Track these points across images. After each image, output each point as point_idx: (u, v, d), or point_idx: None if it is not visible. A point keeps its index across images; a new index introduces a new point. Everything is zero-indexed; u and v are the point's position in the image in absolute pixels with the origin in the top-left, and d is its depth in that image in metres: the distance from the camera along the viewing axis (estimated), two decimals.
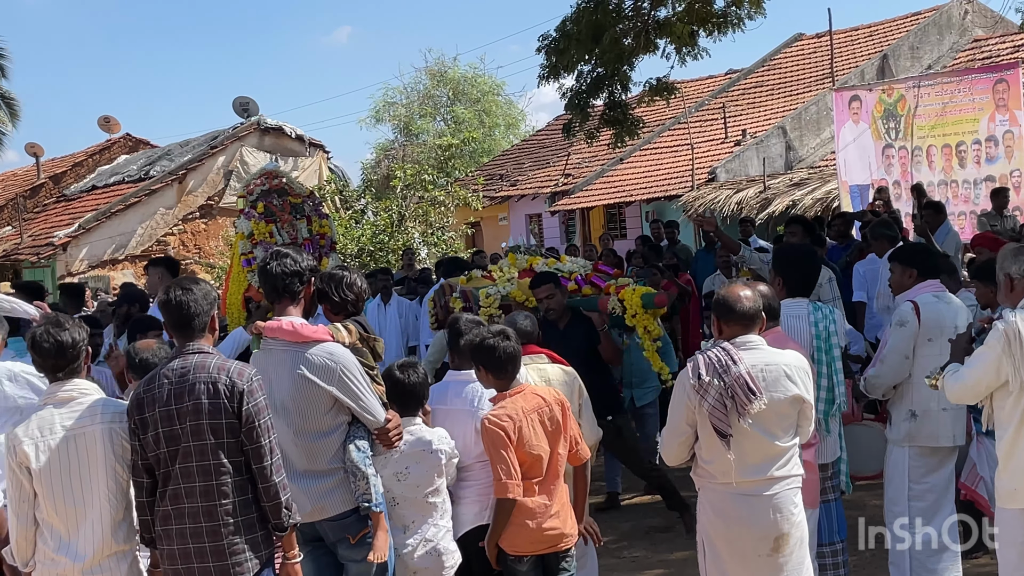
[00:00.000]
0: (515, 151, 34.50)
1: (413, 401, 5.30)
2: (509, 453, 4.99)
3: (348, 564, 4.99)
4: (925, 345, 6.02)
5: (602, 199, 25.49)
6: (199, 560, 4.31)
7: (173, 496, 4.33)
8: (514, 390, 5.19)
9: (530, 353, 6.08)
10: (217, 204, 27.03)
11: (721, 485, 4.83)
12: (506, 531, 5.11)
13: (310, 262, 5.02)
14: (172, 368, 4.38)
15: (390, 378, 5.28)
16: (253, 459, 4.34)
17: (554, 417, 5.17)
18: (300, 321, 4.89)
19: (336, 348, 4.88)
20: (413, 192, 23.78)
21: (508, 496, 5.00)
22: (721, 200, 20.49)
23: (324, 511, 4.86)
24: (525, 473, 5.07)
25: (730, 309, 4.86)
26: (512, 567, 5.17)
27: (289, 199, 11.42)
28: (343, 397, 4.82)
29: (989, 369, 4.78)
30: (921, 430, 6.08)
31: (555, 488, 5.18)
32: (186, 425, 4.29)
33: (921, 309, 6.05)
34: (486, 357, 5.19)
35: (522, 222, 29.07)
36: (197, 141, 28.80)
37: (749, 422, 4.69)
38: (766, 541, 4.79)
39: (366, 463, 4.85)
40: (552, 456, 5.15)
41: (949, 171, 15.24)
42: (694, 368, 4.79)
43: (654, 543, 8.12)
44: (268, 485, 4.34)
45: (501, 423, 5.01)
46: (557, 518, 5.15)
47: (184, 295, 4.41)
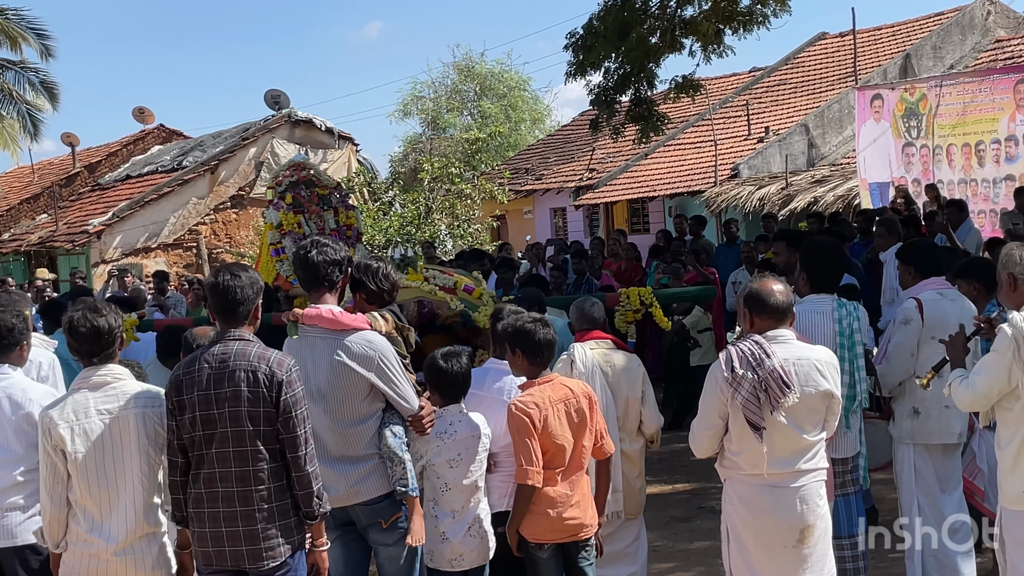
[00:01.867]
0: (540, 146, 34.45)
1: (455, 389, 5.30)
2: (533, 440, 5.00)
3: (378, 548, 5.01)
4: (928, 343, 5.97)
5: (626, 194, 25.44)
6: (231, 544, 4.32)
7: (208, 479, 4.34)
8: (544, 378, 5.21)
9: (595, 338, 6.09)
10: (248, 194, 27.11)
11: (750, 477, 4.81)
12: (528, 519, 5.12)
13: (346, 252, 5.02)
14: (213, 353, 4.38)
15: (433, 366, 5.28)
16: (288, 448, 4.34)
17: (580, 409, 5.17)
18: (339, 309, 4.89)
19: (374, 336, 4.89)
20: (440, 185, 23.78)
21: (528, 482, 5.02)
22: (743, 196, 20.43)
23: (358, 495, 4.87)
24: (548, 462, 5.08)
25: (763, 303, 4.82)
26: (533, 554, 5.18)
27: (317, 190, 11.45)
28: (380, 384, 4.83)
29: (1000, 376, 4.70)
30: (923, 427, 6.06)
31: (577, 479, 5.19)
32: (224, 411, 4.30)
33: (925, 307, 6.02)
34: (524, 341, 5.19)
35: (547, 216, 29.06)
36: (229, 133, 28.87)
37: (782, 415, 4.67)
38: (792, 532, 4.77)
39: (402, 448, 4.86)
40: (576, 447, 5.15)
41: (969, 170, 15.13)
42: (727, 361, 4.76)
43: (675, 532, 8.11)
44: (302, 474, 4.34)
45: (528, 410, 5.03)
46: (578, 508, 5.16)
47: (232, 281, 4.39)
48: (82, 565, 4.49)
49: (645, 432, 6.23)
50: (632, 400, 6.07)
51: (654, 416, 6.21)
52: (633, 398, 6.06)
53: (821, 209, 17.41)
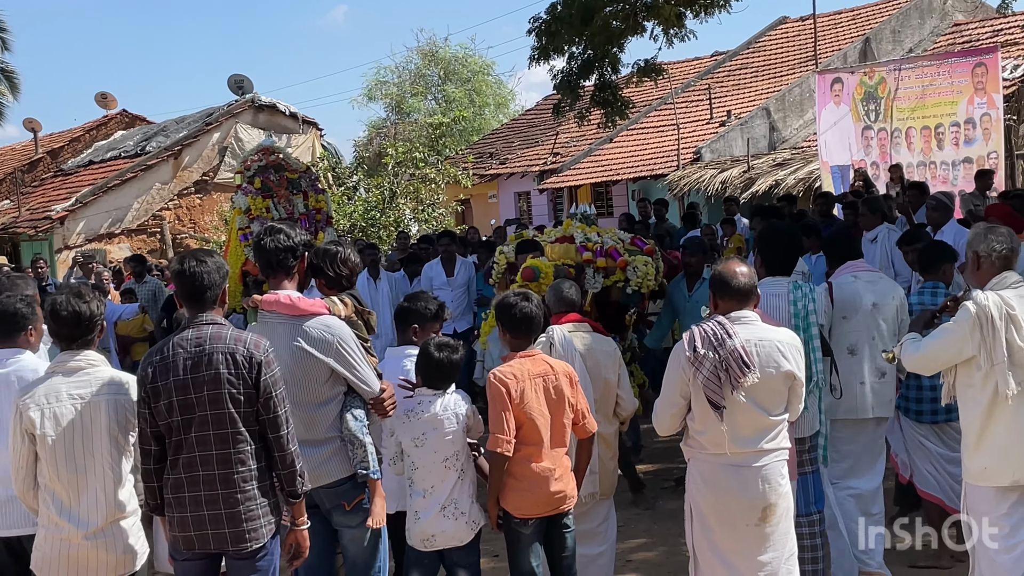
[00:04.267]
0: (504, 130, 34.39)
1: (439, 377, 5.28)
2: (507, 411, 5.06)
3: (342, 530, 5.02)
4: (840, 323, 6.20)
5: (590, 177, 25.45)
6: (214, 527, 4.33)
7: (187, 464, 4.34)
8: (526, 352, 5.27)
9: (573, 321, 6.11)
10: (212, 180, 26.90)
11: (712, 456, 4.84)
12: (513, 495, 5.18)
13: (303, 237, 5.00)
14: (186, 338, 4.37)
15: (423, 351, 5.31)
16: (270, 429, 4.37)
17: (559, 387, 5.22)
18: (297, 295, 4.89)
19: (333, 321, 4.89)
20: (404, 169, 23.70)
21: (498, 451, 5.07)
22: (706, 179, 20.48)
23: (321, 478, 4.87)
24: (525, 437, 5.13)
25: (726, 284, 4.86)
26: (516, 530, 5.24)
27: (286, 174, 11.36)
28: (340, 368, 4.83)
29: (951, 345, 4.84)
30: (840, 403, 6.17)
31: (558, 455, 5.25)
32: (203, 394, 4.30)
33: (834, 289, 6.23)
34: (504, 315, 5.33)
35: (511, 200, 29.02)
36: (192, 118, 28.60)
37: (742, 395, 4.70)
38: (754, 511, 4.80)
39: (363, 431, 4.86)
40: (555, 424, 5.21)
41: (928, 152, 15.24)
42: (690, 341, 4.80)
43: (638, 513, 8.13)
44: (284, 453, 4.38)
45: (505, 379, 5.12)
46: (561, 481, 5.24)
47: (199, 267, 4.40)
48: (53, 549, 4.50)
49: (620, 414, 6.25)
50: (609, 383, 6.08)
51: (630, 399, 6.24)
52: (610, 381, 6.08)
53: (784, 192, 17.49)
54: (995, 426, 4.82)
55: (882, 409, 6.29)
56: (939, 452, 6.43)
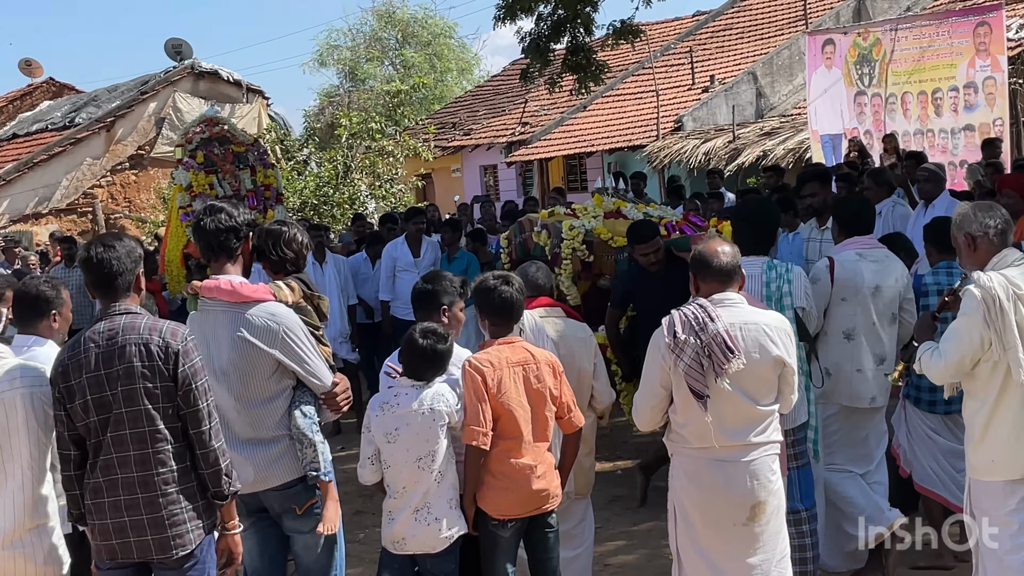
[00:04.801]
0: (469, 98, 34.30)
1: (422, 368, 5.16)
2: (483, 402, 5.03)
3: (294, 536, 4.99)
4: (838, 304, 6.18)
5: (562, 149, 25.43)
6: (136, 534, 4.28)
7: (105, 467, 4.28)
8: (505, 339, 5.24)
9: (543, 306, 6.10)
10: (148, 154, 26.65)
11: (696, 450, 4.84)
12: (491, 494, 5.13)
13: (247, 216, 4.95)
14: (98, 331, 4.31)
15: (407, 338, 5.19)
16: (191, 424, 4.30)
17: (540, 376, 5.18)
18: (239, 280, 4.84)
19: (278, 308, 4.83)
20: (359, 142, 23.60)
21: (473, 443, 5.03)
22: (688, 150, 20.51)
23: (269, 480, 4.84)
24: (504, 431, 5.10)
25: (707, 265, 4.86)
26: (494, 532, 5.17)
27: (232, 148, 11.29)
28: (286, 360, 4.79)
29: (971, 340, 4.74)
30: (835, 389, 6.22)
31: (540, 450, 5.21)
32: (117, 391, 4.24)
33: (836, 267, 6.20)
34: (484, 298, 5.29)
35: (476, 174, 28.96)
36: (126, 86, 28.35)
37: (727, 383, 4.70)
38: (742, 509, 4.81)
39: (313, 429, 4.82)
40: (536, 417, 5.18)
41: (925, 120, 15.29)
42: (669, 326, 4.78)
43: (617, 513, 8.15)
44: (207, 451, 4.32)
45: (481, 367, 5.07)
46: (544, 479, 5.19)
47: (106, 252, 4.35)
48: None
49: (596, 407, 6.24)
50: (584, 373, 6.06)
51: (606, 390, 6.22)
52: (585, 371, 6.06)
53: (771, 163, 17.52)
54: (1003, 416, 4.79)
55: (883, 397, 6.31)
56: (947, 446, 6.41)
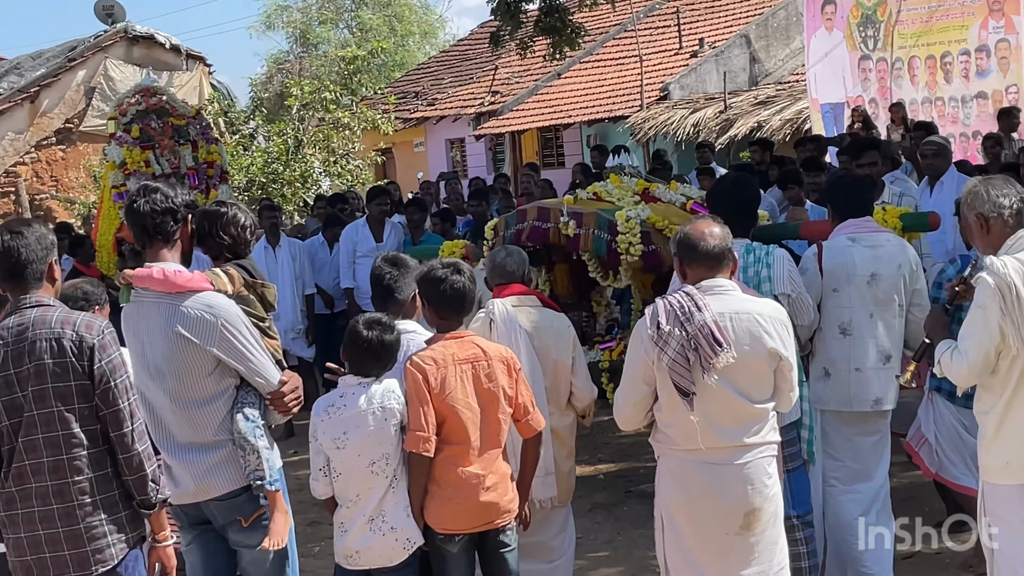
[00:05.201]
0: (433, 64, 34.24)
1: (368, 362, 5.18)
2: (425, 404, 5.01)
3: (241, 551, 4.97)
4: (830, 296, 6.15)
5: (536, 121, 25.42)
6: (52, 548, 4.27)
7: (18, 476, 4.27)
8: (453, 334, 5.21)
9: (516, 294, 6.08)
10: (77, 128, 26.46)
11: (684, 452, 4.84)
12: (433, 505, 5.12)
13: (185, 197, 4.92)
14: (6, 326, 4.30)
15: (350, 330, 5.19)
16: (111, 425, 4.29)
17: (492, 374, 5.15)
18: (174, 267, 4.79)
19: (216, 299, 4.79)
20: (312, 113, 23.50)
21: (415, 450, 5.02)
22: (675, 122, 20.54)
23: (210, 490, 4.82)
24: (449, 435, 5.08)
25: (693, 248, 4.84)
26: (441, 547, 5.18)
27: (171, 121, 11.22)
28: (225, 357, 4.76)
29: (991, 333, 4.67)
30: (832, 392, 6.20)
31: (492, 458, 5.19)
32: (28, 391, 4.23)
33: (825, 254, 6.17)
34: (431, 290, 5.24)
35: (442, 148, 28.93)
36: (52, 53, 28.12)
37: (715, 378, 4.69)
38: (735, 517, 4.81)
39: (256, 434, 4.79)
40: (487, 420, 5.15)
41: (934, 87, 15.36)
42: (652, 316, 4.77)
43: (599, 522, 8.18)
44: (130, 455, 4.30)
45: (423, 366, 5.04)
46: (494, 491, 5.16)
47: (14, 240, 4.34)
48: None
49: (576, 405, 6.23)
50: (561, 367, 6.06)
51: (587, 387, 6.20)
52: (562, 364, 6.06)
53: (767, 135, 17.58)
54: (1018, 414, 4.76)
55: (890, 400, 6.24)
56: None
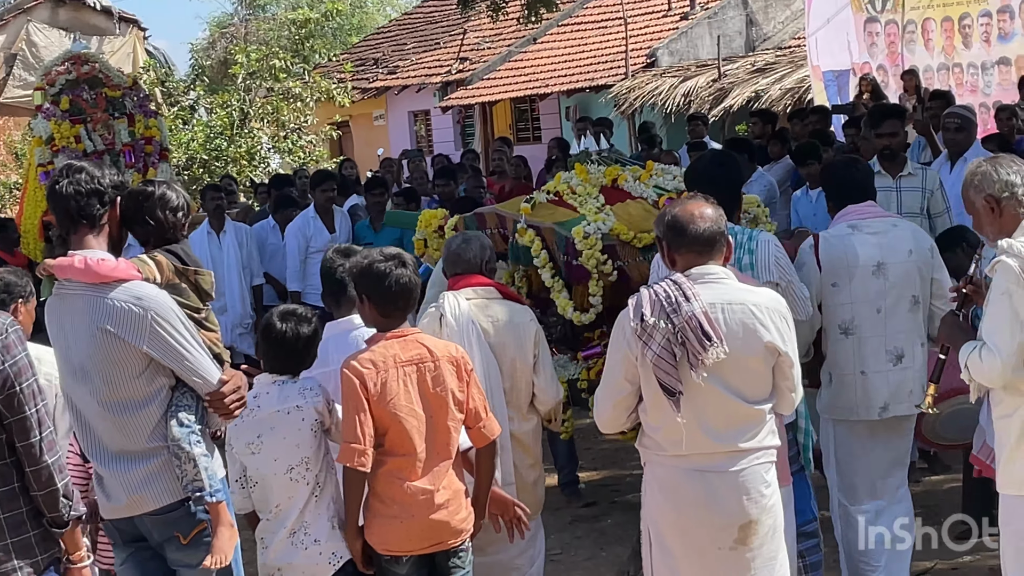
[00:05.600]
0: (394, 28, 34.23)
1: (283, 359, 5.22)
2: (361, 410, 5.00)
3: (181, 571, 4.93)
4: (830, 292, 6.16)
5: (509, 91, 25.41)
6: None
7: None
8: (395, 332, 5.17)
9: (473, 286, 6.05)
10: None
11: (672, 458, 4.83)
12: (376, 524, 5.12)
13: (114, 177, 4.87)
14: None
15: (264, 324, 5.23)
16: (16, 435, 4.24)
17: (439, 377, 5.13)
18: (98, 256, 4.73)
19: (145, 289, 4.74)
20: (259, 83, 23.49)
21: (349, 465, 5.01)
22: (664, 91, 20.54)
23: (143, 503, 4.78)
24: (392, 446, 5.07)
25: (681, 231, 4.82)
26: (387, 568, 5.18)
27: (105, 92, 11.20)
28: (158, 355, 4.72)
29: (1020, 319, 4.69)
30: (839, 399, 6.23)
31: (442, 470, 5.17)
32: None
33: (822, 245, 6.17)
34: (372, 285, 5.16)
35: (404, 122, 28.89)
36: None
37: (704, 375, 4.67)
38: (729, 531, 4.80)
39: (192, 440, 4.73)
40: (435, 428, 5.13)
41: (951, 52, 15.38)
42: (636, 307, 4.75)
43: (579, 537, 8.18)
44: (38, 468, 4.25)
45: (360, 369, 5.03)
46: (445, 509, 5.14)
47: None
48: None
49: (540, 408, 6.22)
50: (521, 365, 6.05)
51: (551, 387, 6.19)
52: (522, 363, 6.05)
53: (765, 105, 17.58)
54: None
55: (899, 406, 6.20)
56: None
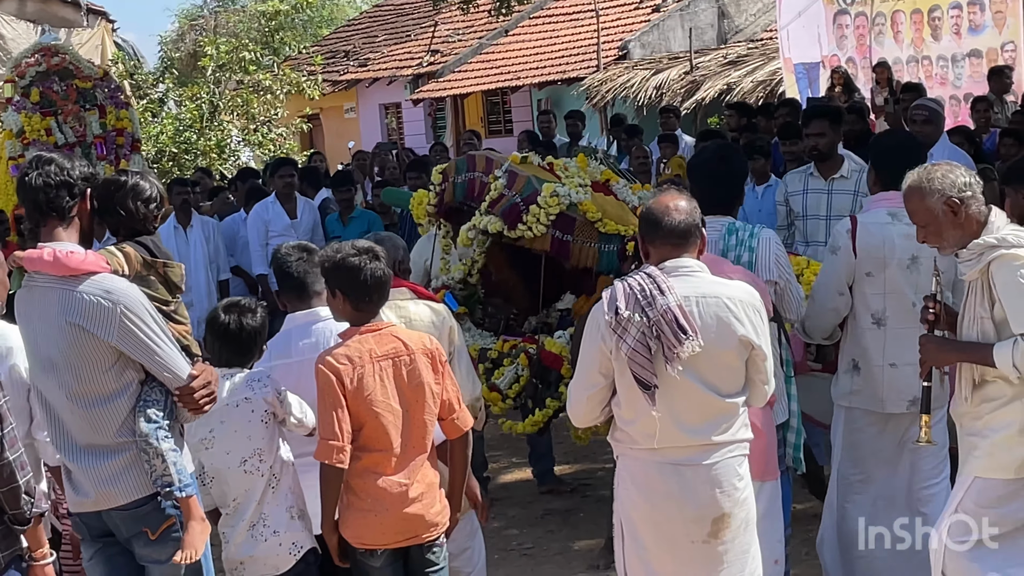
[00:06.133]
0: (365, 20, 34.19)
1: (230, 351, 5.23)
2: (338, 407, 4.98)
3: (149, 567, 4.91)
4: (863, 281, 6.08)
5: (480, 84, 25.40)
6: None
7: None
8: (369, 326, 5.15)
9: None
10: None
11: (645, 452, 4.82)
12: (352, 517, 5.10)
13: (84, 169, 4.85)
14: None
15: (210, 316, 5.23)
16: None
17: (415, 370, 5.12)
18: (67, 248, 4.71)
19: (115, 282, 4.72)
20: (229, 75, 23.40)
21: (327, 462, 4.99)
22: (636, 84, 20.55)
23: (112, 498, 4.76)
24: (368, 441, 5.05)
25: (656, 223, 4.82)
26: (362, 563, 5.17)
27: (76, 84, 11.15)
28: (128, 349, 4.69)
29: None
30: (864, 388, 6.17)
31: (418, 464, 5.16)
32: None
33: (859, 230, 6.07)
34: (345, 280, 5.13)
35: (375, 114, 28.85)
36: None
37: (680, 369, 4.68)
38: (702, 523, 4.80)
39: (160, 435, 4.71)
40: (411, 422, 5.13)
41: (920, 44, 15.40)
42: (610, 300, 4.74)
43: (551, 531, 8.19)
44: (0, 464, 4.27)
45: (337, 365, 5.00)
46: (419, 502, 5.14)
47: None
48: None
49: None
50: None
51: (466, 384, 6.13)
52: None
53: (737, 98, 17.61)
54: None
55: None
56: None
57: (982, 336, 4.92)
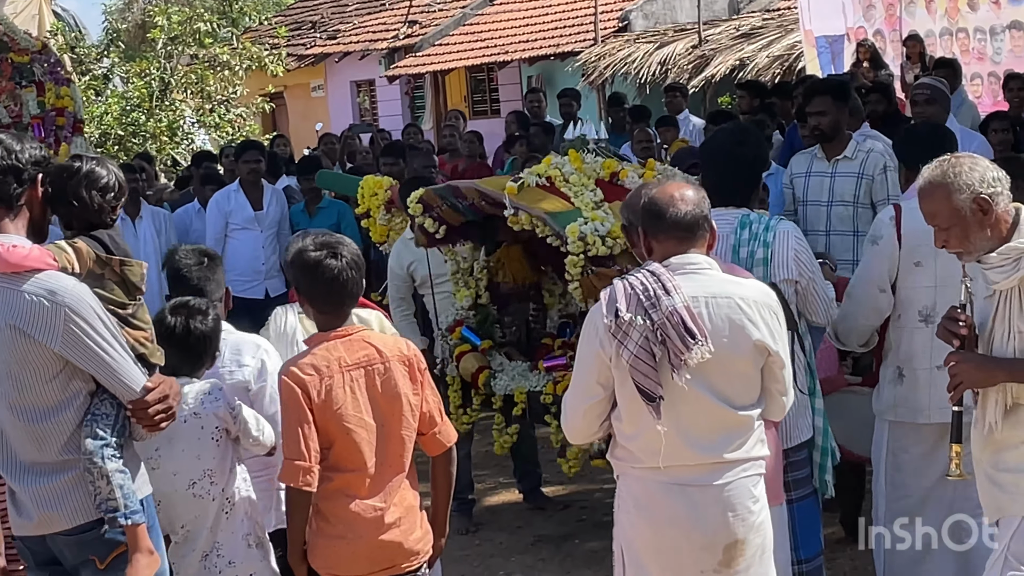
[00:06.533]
0: None
1: (180, 358, 5.21)
2: (306, 424, 4.96)
3: None
4: (911, 272, 6.07)
5: (464, 58, 25.39)
6: None
7: None
8: (338, 332, 5.14)
9: None
10: None
11: (649, 471, 4.82)
12: (320, 545, 5.10)
13: (35, 153, 4.81)
14: None
15: (159, 324, 5.20)
16: None
17: (390, 379, 5.11)
18: (10, 241, 4.68)
19: (62, 281, 4.69)
20: (182, 49, 23.36)
21: (293, 485, 4.98)
22: (638, 59, 20.56)
23: (55, 521, 4.75)
24: (339, 460, 5.05)
25: (659, 216, 4.81)
26: None
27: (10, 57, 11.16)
28: (73, 357, 4.67)
29: None
30: (907, 398, 6.18)
31: (395, 486, 5.16)
32: None
33: (904, 216, 6.04)
34: (301, 277, 5.16)
35: (346, 93, 28.84)
36: None
37: (687, 377, 4.66)
38: (713, 552, 4.80)
39: (105, 454, 4.69)
40: (387, 438, 5.12)
41: (955, 16, 15.43)
42: (610, 301, 4.73)
43: (543, 559, 8.19)
44: None
45: (301, 376, 4.99)
46: (397, 528, 5.14)
47: None
48: None
49: None
50: None
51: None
52: None
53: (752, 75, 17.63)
54: None
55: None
56: None
57: (1020, 352, 4.74)
